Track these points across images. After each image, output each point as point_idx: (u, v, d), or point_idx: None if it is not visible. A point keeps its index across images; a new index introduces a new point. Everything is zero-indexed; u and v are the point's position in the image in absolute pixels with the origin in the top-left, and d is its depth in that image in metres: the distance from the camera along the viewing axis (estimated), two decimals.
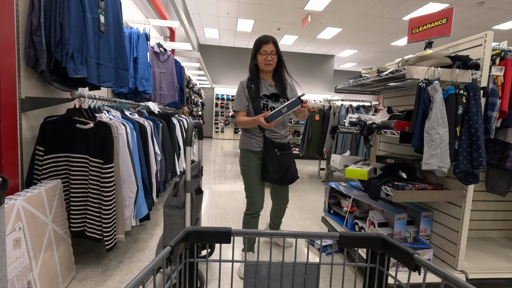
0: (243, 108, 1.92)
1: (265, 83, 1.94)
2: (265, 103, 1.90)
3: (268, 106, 1.91)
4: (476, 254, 2.03)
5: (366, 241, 0.53)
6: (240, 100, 1.92)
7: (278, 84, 1.95)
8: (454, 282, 0.38)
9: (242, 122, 1.89)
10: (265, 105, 1.90)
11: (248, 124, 1.86)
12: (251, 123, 1.81)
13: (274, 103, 1.92)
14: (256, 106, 1.87)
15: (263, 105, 1.89)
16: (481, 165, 1.55)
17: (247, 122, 1.85)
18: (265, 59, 1.87)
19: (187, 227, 0.52)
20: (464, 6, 6.19)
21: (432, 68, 1.65)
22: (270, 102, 1.92)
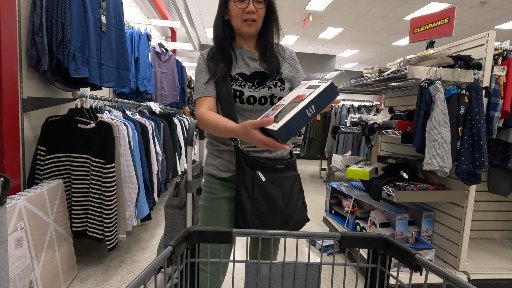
0: (209, 92, 1.04)
1: (242, 55, 1.09)
2: (240, 90, 1.02)
3: (245, 95, 1.02)
4: (478, 255, 2.03)
5: (367, 242, 0.53)
6: (201, 82, 1.06)
7: (266, 57, 1.09)
8: (456, 283, 0.38)
9: (209, 121, 0.96)
10: (241, 94, 1.02)
11: (219, 129, 0.93)
12: (226, 131, 0.90)
13: (257, 90, 1.04)
14: (223, 94, 1.01)
15: (236, 93, 1.02)
16: (483, 165, 1.54)
17: (217, 125, 0.93)
18: (243, 10, 1.00)
19: (188, 227, 0.52)
20: (466, 6, 6.17)
21: (434, 68, 1.64)
22: (250, 88, 1.04)
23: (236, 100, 1.01)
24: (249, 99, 1.02)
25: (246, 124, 0.76)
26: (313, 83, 0.76)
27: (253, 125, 0.74)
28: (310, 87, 0.74)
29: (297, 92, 0.77)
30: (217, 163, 1.07)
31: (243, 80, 1.04)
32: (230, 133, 0.87)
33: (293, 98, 0.75)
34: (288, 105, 0.74)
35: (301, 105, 0.67)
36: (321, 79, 0.76)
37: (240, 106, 1.03)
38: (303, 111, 0.66)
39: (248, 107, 1.03)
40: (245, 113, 1.05)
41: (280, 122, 0.66)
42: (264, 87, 1.04)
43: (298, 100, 0.71)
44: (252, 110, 1.04)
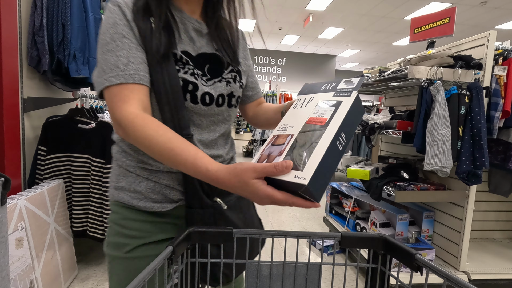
0: (141, 77, 0.61)
1: (184, 23, 0.70)
2: (194, 81, 0.65)
3: (199, 90, 0.66)
4: (479, 255, 2.03)
5: (367, 242, 0.53)
6: (121, 54, 0.60)
7: (220, 33, 0.75)
8: (456, 283, 0.38)
9: (154, 139, 0.55)
10: (194, 88, 0.65)
11: (175, 161, 0.54)
12: (195, 169, 0.53)
13: (213, 84, 0.69)
14: (165, 86, 0.62)
15: (188, 86, 0.64)
16: (483, 165, 1.54)
17: (172, 153, 0.54)
18: None
19: (189, 227, 0.52)
20: (467, 6, 6.17)
21: (434, 68, 1.64)
22: (203, 79, 0.68)
23: (187, 98, 0.63)
24: (204, 98, 0.66)
25: (241, 170, 0.46)
26: (325, 98, 0.54)
27: (256, 172, 0.46)
28: (324, 105, 0.52)
29: (304, 114, 0.54)
30: (144, 188, 0.66)
31: (192, 66, 0.65)
32: (203, 175, 0.51)
33: (304, 123, 0.51)
34: (301, 136, 0.49)
35: (328, 135, 0.45)
36: (334, 91, 0.54)
37: (191, 108, 0.64)
38: (334, 145, 0.45)
39: (201, 110, 0.66)
40: (195, 119, 0.67)
41: (307, 170, 0.42)
42: (221, 80, 0.70)
43: (315, 127, 0.49)
44: (205, 115, 0.67)
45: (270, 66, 11.71)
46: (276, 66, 11.74)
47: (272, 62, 11.70)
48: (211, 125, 0.71)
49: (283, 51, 11.66)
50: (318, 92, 0.59)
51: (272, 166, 0.45)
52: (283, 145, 0.50)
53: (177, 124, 0.62)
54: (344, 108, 0.49)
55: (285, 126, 0.56)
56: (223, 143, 0.76)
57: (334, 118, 0.48)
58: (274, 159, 0.48)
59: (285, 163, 0.44)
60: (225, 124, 0.74)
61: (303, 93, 0.63)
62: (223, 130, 0.74)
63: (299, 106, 0.59)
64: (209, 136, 0.71)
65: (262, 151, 0.53)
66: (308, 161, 0.44)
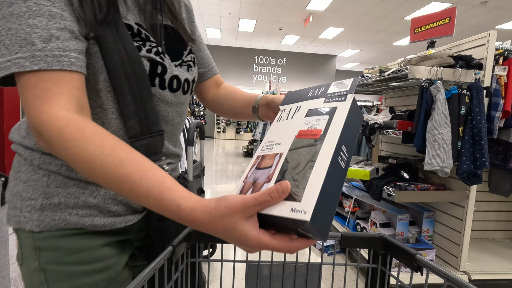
0: (72, 61, 0.41)
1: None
2: (161, 62, 0.52)
3: (168, 72, 0.54)
4: (479, 255, 2.02)
5: (367, 242, 0.53)
6: (34, 21, 0.38)
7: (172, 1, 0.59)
8: (457, 283, 0.38)
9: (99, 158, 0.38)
10: (163, 70, 0.53)
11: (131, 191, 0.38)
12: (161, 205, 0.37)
13: (177, 65, 0.57)
14: (124, 66, 0.47)
15: (156, 68, 0.51)
16: (484, 166, 1.54)
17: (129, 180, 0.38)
18: None
19: (189, 227, 0.52)
20: (467, 6, 6.17)
21: (434, 68, 1.64)
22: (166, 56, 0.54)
23: (155, 83, 0.51)
24: (172, 82, 0.54)
25: (227, 209, 0.35)
26: (314, 106, 0.46)
27: (246, 210, 0.34)
28: (315, 114, 0.44)
29: (292, 127, 0.45)
30: (101, 199, 0.50)
31: (154, 42, 0.52)
32: (172, 214, 0.37)
33: (293, 138, 0.42)
34: (293, 155, 0.39)
35: (327, 151, 0.37)
36: (325, 96, 0.46)
37: (159, 95, 0.53)
38: (335, 162, 0.36)
39: (168, 98, 0.54)
40: (162, 109, 0.54)
41: (307, 199, 0.33)
42: (182, 64, 0.57)
43: (309, 141, 0.40)
44: (172, 104, 0.56)
45: (270, 66, 11.71)
46: (276, 66, 11.73)
47: (272, 62, 11.70)
48: (176, 117, 0.59)
49: (283, 51, 11.66)
50: (305, 100, 0.49)
51: (266, 194, 0.34)
52: (271, 167, 0.40)
53: (143, 118, 0.49)
54: (340, 115, 0.40)
55: (270, 144, 0.45)
56: (179, 140, 0.66)
57: (330, 129, 0.39)
58: (262, 187, 0.38)
59: (281, 186, 0.34)
60: (185, 117, 0.63)
61: (287, 103, 0.52)
62: (183, 124, 0.63)
63: (284, 118, 0.48)
64: (175, 131, 0.60)
65: (246, 178, 0.42)
66: (306, 188, 0.34)
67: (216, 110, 0.74)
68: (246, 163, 6.37)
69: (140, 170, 0.38)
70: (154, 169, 0.38)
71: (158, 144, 0.53)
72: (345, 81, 0.47)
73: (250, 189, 0.39)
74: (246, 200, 0.34)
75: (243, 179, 0.42)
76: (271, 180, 0.38)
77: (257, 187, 0.38)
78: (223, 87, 0.75)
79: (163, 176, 0.38)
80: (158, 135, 0.52)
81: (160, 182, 0.37)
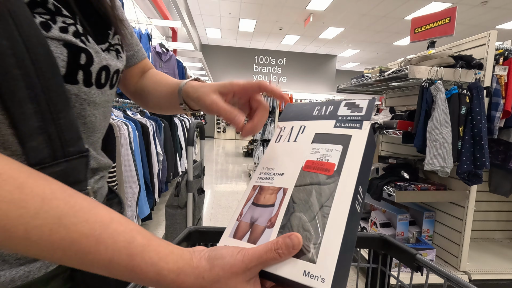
0: None
1: None
2: (83, 47, 0.36)
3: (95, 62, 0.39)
4: (479, 255, 2.02)
5: (368, 242, 0.53)
6: None
7: None
8: (457, 283, 0.38)
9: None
10: (88, 59, 0.37)
11: (85, 262, 0.26)
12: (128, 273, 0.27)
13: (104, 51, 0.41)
14: (34, 53, 0.30)
15: (80, 55, 0.36)
16: (484, 165, 1.54)
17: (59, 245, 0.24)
18: None
19: (189, 227, 0.52)
20: (467, 6, 6.16)
21: (435, 68, 1.64)
22: (88, 39, 0.38)
23: (78, 79, 0.37)
24: (100, 76, 0.41)
25: (224, 271, 0.28)
26: (323, 129, 0.39)
27: (248, 270, 0.28)
28: (325, 142, 0.37)
29: (297, 154, 0.38)
30: None
31: (69, 17, 0.36)
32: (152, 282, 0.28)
33: (300, 170, 0.36)
34: (300, 193, 0.33)
35: (344, 194, 0.31)
36: (335, 118, 0.39)
37: (84, 95, 0.39)
38: (353, 209, 0.31)
39: (95, 97, 0.41)
40: (87, 114, 0.41)
41: (324, 261, 0.27)
42: (110, 49, 0.43)
43: (319, 177, 0.34)
44: (99, 104, 0.42)
45: (270, 66, 11.71)
46: (276, 66, 11.73)
47: (273, 62, 11.69)
48: (103, 120, 0.44)
49: (283, 51, 11.65)
50: (310, 119, 0.41)
51: (272, 251, 0.28)
52: (273, 206, 0.33)
53: (54, 135, 0.33)
54: (357, 148, 0.34)
55: (270, 172, 0.37)
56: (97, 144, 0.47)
57: (346, 165, 0.33)
58: (263, 232, 0.31)
59: (291, 241, 0.28)
60: (110, 117, 0.49)
61: (287, 119, 0.44)
62: (107, 124, 0.48)
63: (286, 139, 0.41)
64: (101, 136, 0.46)
65: (240, 215, 0.34)
66: (322, 244, 0.28)
67: (141, 103, 0.61)
68: (246, 163, 6.37)
69: (93, 229, 0.25)
70: (114, 222, 0.27)
71: (79, 170, 0.37)
72: (359, 102, 0.39)
73: (248, 233, 0.32)
74: (248, 259, 0.27)
75: (237, 217, 0.35)
76: (274, 225, 0.31)
77: (257, 232, 0.32)
78: (150, 75, 0.60)
79: (130, 230, 0.27)
80: (80, 157, 0.36)
81: (127, 242, 0.26)
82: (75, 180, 0.37)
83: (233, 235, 0.33)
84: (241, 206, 0.36)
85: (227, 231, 0.34)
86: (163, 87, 0.55)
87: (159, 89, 0.56)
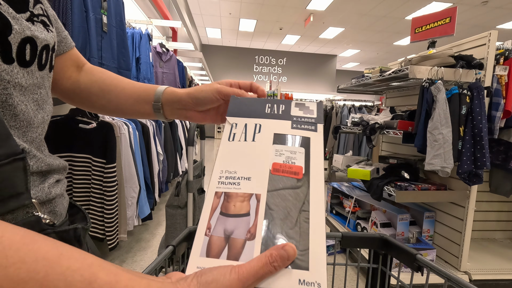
0: None
1: None
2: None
3: (16, 31, 0.30)
4: (480, 255, 2.02)
5: (368, 242, 0.53)
6: None
7: None
8: (457, 283, 0.38)
9: None
10: (4, 23, 0.29)
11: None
12: None
13: (27, 22, 0.33)
14: None
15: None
16: (484, 166, 1.54)
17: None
18: None
19: (189, 227, 0.52)
20: (468, 5, 6.16)
21: (435, 68, 1.64)
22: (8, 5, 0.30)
23: None
24: (24, 50, 0.32)
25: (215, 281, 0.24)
26: (281, 130, 0.38)
27: (245, 285, 0.25)
28: (286, 143, 0.37)
29: (260, 156, 0.36)
30: None
31: None
32: None
33: (268, 173, 0.34)
34: (274, 199, 0.32)
35: (318, 199, 0.32)
36: (289, 119, 0.40)
37: (5, 75, 0.30)
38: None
39: (22, 79, 0.33)
40: (13, 100, 0.32)
41: (316, 266, 0.27)
42: (34, 19, 0.35)
43: (291, 182, 0.33)
44: (27, 89, 0.34)
45: (270, 66, 11.70)
46: (276, 66, 11.73)
47: (273, 62, 11.69)
48: (38, 110, 0.36)
49: (283, 51, 11.65)
50: (264, 117, 0.40)
51: (268, 265, 0.26)
52: (248, 215, 0.30)
53: None
54: (318, 151, 0.36)
55: (232, 176, 0.34)
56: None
57: (312, 168, 0.34)
58: (244, 246, 0.29)
59: (286, 253, 0.26)
60: (49, 109, 0.40)
61: (238, 114, 0.41)
62: (49, 118, 0.40)
63: (242, 138, 0.38)
64: (43, 132, 0.38)
65: (209, 229, 0.30)
66: (311, 250, 0.28)
67: (81, 103, 0.53)
68: None
69: (34, 272, 0.19)
70: (64, 257, 0.21)
71: (15, 179, 0.29)
72: (309, 105, 0.41)
73: (225, 250, 0.28)
74: (244, 277, 0.25)
75: (205, 231, 0.30)
76: (255, 237, 0.29)
77: (236, 247, 0.28)
78: (90, 71, 0.52)
79: (88, 266, 0.21)
80: (12, 161, 0.28)
81: (87, 282, 0.20)
82: (11, 192, 0.28)
83: (206, 254, 0.28)
84: (207, 218, 0.31)
85: (196, 250, 0.29)
86: (127, 89, 0.51)
87: (118, 91, 0.50)
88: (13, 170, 0.28)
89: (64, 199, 0.42)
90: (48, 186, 0.36)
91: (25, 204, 0.30)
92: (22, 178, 0.29)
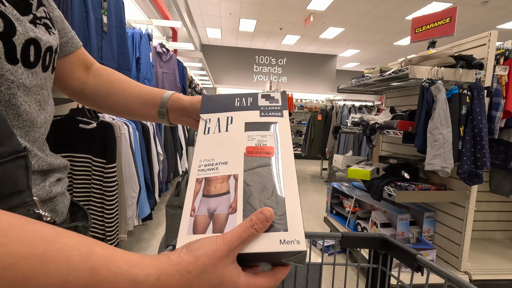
0: None
1: None
2: (4, 14, 0.30)
3: (20, 33, 0.31)
4: (480, 255, 2.02)
5: (368, 242, 0.53)
6: None
7: None
8: (457, 283, 0.38)
9: None
10: (8, 25, 0.30)
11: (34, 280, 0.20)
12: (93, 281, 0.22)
13: (31, 24, 0.33)
14: None
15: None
16: (485, 166, 1.54)
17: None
18: None
19: None
20: (468, 5, 6.15)
21: (435, 68, 1.64)
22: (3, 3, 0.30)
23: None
24: (28, 51, 0.33)
25: (209, 259, 0.26)
26: (251, 119, 0.43)
27: (231, 251, 0.28)
28: (258, 129, 0.41)
29: (234, 142, 0.40)
30: None
31: None
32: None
33: (243, 156, 0.38)
34: (251, 177, 0.35)
35: (290, 170, 0.36)
36: (257, 109, 0.44)
37: (9, 75, 0.31)
38: None
39: (24, 79, 0.33)
40: (16, 100, 0.33)
41: (294, 227, 0.31)
42: (37, 22, 0.36)
43: (265, 160, 0.37)
44: (30, 89, 0.35)
45: (270, 66, 11.71)
46: (276, 66, 11.73)
47: (273, 62, 11.69)
48: (40, 111, 0.37)
49: (283, 51, 11.65)
50: (234, 110, 0.44)
51: (249, 228, 0.28)
52: (228, 193, 0.34)
53: None
54: (285, 132, 0.41)
55: (210, 163, 0.38)
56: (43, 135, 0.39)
57: (282, 147, 0.38)
58: (227, 219, 0.31)
59: (264, 215, 0.29)
60: (51, 109, 0.41)
61: (209, 111, 0.45)
62: (50, 121, 0.41)
63: (216, 130, 0.42)
64: (45, 133, 0.39)
65: (193, 210, 0.33)
66: (288, 214, 0.31)
67: (92, 104, 0.54)
68: None
69: (34, 248, 0.20)
70: (61, 236, 0.22)
71: (17, 176, 0.29)
72: (274, 95, 0.46)
73: (210, 225, 0.31)
74: (229, 240, 0.27)
75: (190, 212, 0.33)
76: (236, 210, 0.32)
77: (220, 221, 0.31)
78: (98, 72, 0.53)
79: (84, 243, 0.23)
80: (15, 158, 0.28)
81: (84, 256, 0.22)
82: (13, 190, 0.28)
83: (193, 232, 0.31)
84: (190, 201, 0.34)
85: (183, 230, 0.31)
86: (134, 93, 0.53)
87: (126, 94, 0.52)
88: (15, 167, 0.29)
89: (65, 198, 0.43)
90: (49, 184, 0.37)
91: (27, 201, 0.30)
92: (24, 175, 0.30)
